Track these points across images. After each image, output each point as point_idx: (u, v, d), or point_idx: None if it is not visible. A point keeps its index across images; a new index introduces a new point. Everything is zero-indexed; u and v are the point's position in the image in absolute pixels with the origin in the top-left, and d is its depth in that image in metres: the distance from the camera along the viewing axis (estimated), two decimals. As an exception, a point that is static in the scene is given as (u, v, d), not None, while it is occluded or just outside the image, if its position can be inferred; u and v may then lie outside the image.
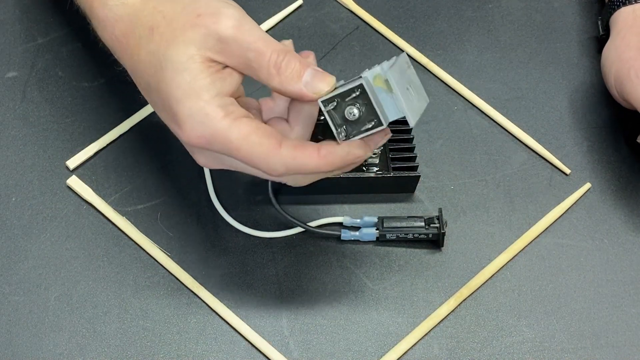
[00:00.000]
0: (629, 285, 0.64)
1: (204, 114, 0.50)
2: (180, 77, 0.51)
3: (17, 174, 0.65)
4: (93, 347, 0.58)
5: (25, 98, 0.69)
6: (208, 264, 0.62)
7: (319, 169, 0.51)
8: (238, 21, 0.51)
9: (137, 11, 0.54)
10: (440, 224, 0.63)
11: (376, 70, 0.50)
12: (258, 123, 0.51)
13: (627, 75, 0.65)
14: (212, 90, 0.50)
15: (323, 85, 0.51)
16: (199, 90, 0.50)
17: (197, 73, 0.50)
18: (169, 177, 0.66)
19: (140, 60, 0.53)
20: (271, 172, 0.51)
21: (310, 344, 0.60)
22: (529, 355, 0.60)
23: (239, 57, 0.51)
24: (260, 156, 0.50)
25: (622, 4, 0.69)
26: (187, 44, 0.51)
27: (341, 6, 0.77)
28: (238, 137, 0.50)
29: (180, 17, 0.52)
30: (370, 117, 0.50)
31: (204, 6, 0.52)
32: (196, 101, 0.50)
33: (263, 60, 0.50)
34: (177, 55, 0.51)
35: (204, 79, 0.50)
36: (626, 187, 0.68)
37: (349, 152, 0.51)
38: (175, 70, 0.51)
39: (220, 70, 0.51)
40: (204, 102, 0.50)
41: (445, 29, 0.76)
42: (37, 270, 0.61)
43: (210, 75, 0.51)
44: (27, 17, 0.73)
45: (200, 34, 0.51)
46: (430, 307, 0.61)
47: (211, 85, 0.50)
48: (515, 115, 0.71)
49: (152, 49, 0.52)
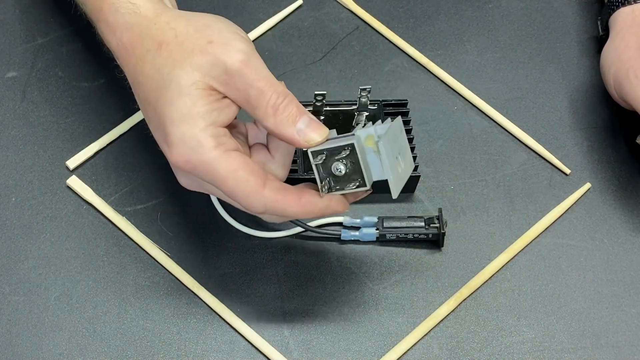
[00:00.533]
0: (629, 285, 0.64)
1: (197, 140, 0.51)
2: (181, 100, 0.51)
3: (17, 174, 0.65)
4: (93, 347, 0.58)
5: (25, 98, 0.69)
6: (208, 264, 0.62)
7: (296, 215, 0.53)
8: (247, 56, 0.51)
9: (149, 23, 0.54)
10: (440, 224, 0.63)
11: (369, 131, 0.51)
12: (246, 159, 0.52)
13: (626, 75, 0.65)
14: (208, 119, 0.51)
15: (315, 136, 0.52)
16: (196, 117, 0.51)
17: (197, 99, 0.51)
18: (169, 177, 0.65)
19: (144, 72, 0.54)
20: (250, 209, 0.52)
21: (310, 344, 0.60)
22: (529, 355, 0.60)
23: (240, 92, 0.51)
24: (244, 193, 0.51)
25: (621, 4, 0.69)
26: (194, 69, 0.51)
27: (341, 6, 0.77)
28: (225, 170, 0.51)
29: (192, 39, 0.52)
30: (355, 176, 0.52)
31: (217, 34, 0.52)
32: (191, 127, 0.51)
33: (263, 99, 0.51)
34: (182, 77, 0.51)
35: (203, 107, 0.51)
36: (626, 187, 0.68)
37: (329, 206, 0.53)
38: (176, 92, 0.51)
39: (219, 100, 0.52)
40: (198, 130, 0.51)
41: (445, 29, 0.76)
42: (37, 270, 0.61)
43: (210, 103, 0.51)
44: (27, 17, 0.73)
45: (208, 61, 0.51)
46: (430, 307, 0.61)
47: (208, 113, 0.51)
48: (515, 115, 0.71)
49: (158, 64, 0.52)
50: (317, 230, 0.63)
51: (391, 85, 0.72)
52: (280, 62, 0.73)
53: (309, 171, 0.64)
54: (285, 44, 0.74)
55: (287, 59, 0.73)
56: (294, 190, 0.53)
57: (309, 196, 0.53)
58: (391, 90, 0.72)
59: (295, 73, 0.72)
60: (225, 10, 0.75)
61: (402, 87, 0.72)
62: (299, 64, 0.73)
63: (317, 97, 0.65)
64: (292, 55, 0.73)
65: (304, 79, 0.72)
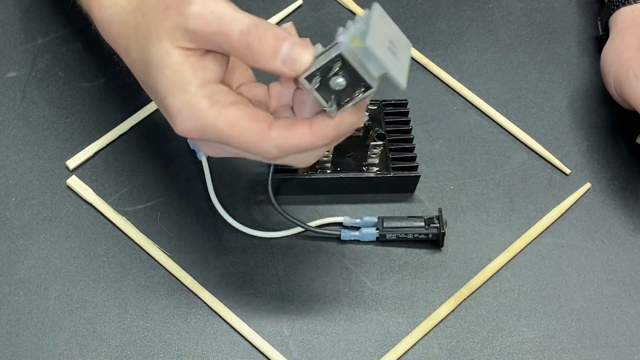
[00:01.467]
0: (629, 285, 0.64)
1: (190, 106, 0.49)
2: (162, 73, 0.50)
3: (17, 174, 0.65)
4: (93, 347, 0.58)
5: (25, 98, 0.69)
6: (208, 264, 0.62)
7: (314, 144, 0.50)
8: (201, 6, 0.49)
9: (125, 11, 0.54)
10: (440, 224, 0.63)
11: (351, 32, 0.47)
12: (246, 109, 0.50)
13: (626, 75, 0.65)
14: (196, 82, 0.49)
15: (302, 60, 0.48)
16: (183, 84, 0.49)
17: (177, 67, 0.50)
18: (169, 177, 0.66)
19: (133, 59, 0.54)
20: (266, 156, 0.50)
21: (310, 344, 0.60)
22: (529, 355, 0.60)
23: (210, 42, 0.49)
24: (251, 141, 0.49)
25: (622, 4, 0.70)
26: (160, 39, 0.50)
27: (341, 6, 0.77)
28: (226, 126, 0.49)
29: (153, 11, 0.51)
30: (357, 82, 0.47)
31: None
32: (182, 95, 0.50)
33: (232, 41, 0.49)
34: (154, 51, 0.50)
35: (185, 72, 0.50)
36: (626, 187, 0.68)
37: (342, 121, 0.49)
38: (156, 67, 0.50)
39: (201, 58, 0.50)
40: (189, 95, 0.49)
41: (445, 29, 0.76)
42: (37, 270, 0.61)
43: (191, 66, 0.50)
44: (27, 17, 0.73)
45: (168, 27, 0.50)
46: (430, 307, 0.61)
47: (193, 76, 0.50)
48: (515, 115, 0.71)
49: (139, 47, 0.52)
50: (317, 230, 0.63)
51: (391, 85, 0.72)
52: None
53: (309, 171, 0.64)
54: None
55: (287, 59, 0.73)
56: (303, 123, 0.49)
57: (319, 121, 0.49)
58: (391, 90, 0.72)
59: (295, 73, 0.72)
60: (225, 10, 0.75)
61: (402, 87, 0.72)
62: (299, 64, 0.73)
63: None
64: (292, 55, 0.73)
65: (304, 79, 0.72)
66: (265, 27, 0.49)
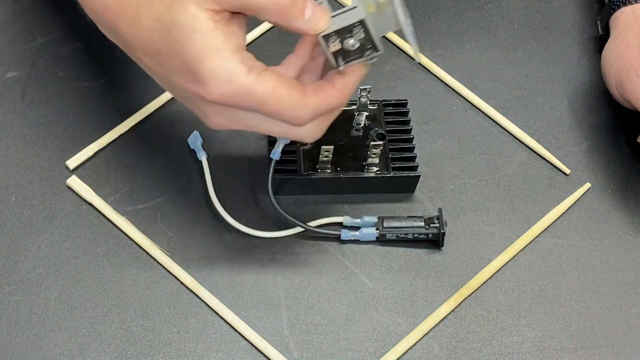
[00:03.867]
0: (629, 285, 0.64)
1: (228, 72, 0.50)
2: (193, 39, 0.50)
3: (17, 174, 0.65)
4: (93, 347, 0.58)
5: (25, 98, 0.69)
6: (208, 264, 0.62)
7: (340, 102, 0.53)
8: None
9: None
10: (440, 224, 0.63)
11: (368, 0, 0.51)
12: (280, 75, 0.51)
13: (627, 74, 0.65)
14: (230, 47, 0.50)
15: (323, 22, 0.51)
16: (217, 49, 0.50)
17: (207, 32, 0.50)
18: (169, 177, 0.66)
19: (142, 27, 0.52)
20: (297, 122, 0.52)
21: (310, 344, 0.60)
22: (529, 355, 0.60)
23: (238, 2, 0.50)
24: (288, 106, 0.51)
25: (622, 4, 0.69)
26: (186, 3, 0.50)
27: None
28: (265, 92, 0.50)
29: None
30: (368, 43, 0.52)
31: None
32: (218, 60, 0.50)
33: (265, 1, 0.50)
34: (181, 17, 0.50)
35: (217, 37, 0.50)
36: (626, 187, 0.68)
37: (356, 75, 0.53)
38: (185, 34, 0.50)
39: (229, 23, 0.51)
40: (226, 60, 0.50)
41: (445, 29, 0.76)
42: (37, 270, 0.61)
43: (222, 31, 0.50)
44: (27, 17, 0.73)
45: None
46: (430, 307, 0.61)
47: (226, 42, 0.50)
48: (515, 115, 0.71)
49: (155, 15, 0.51)
50: (317, 230, 0.63)
51: (391, 85, 0.72)
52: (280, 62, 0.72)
53: (309, 171, 0.64)
54: (285, 44, 0.74)
55: (287, 59, 0.73)
56: (326, 85, 0.53)
57: (340, 80, 0.53)
58: (391, 90, 0.72)
59: (295, 73, 0.72)
60: (225, 10, 0.75)
61: (402, 87, 0.72)
62: (299, 64, 0.73)
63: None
64: (292, 55, 0.73)
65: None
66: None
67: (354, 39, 0.52)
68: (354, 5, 0.51)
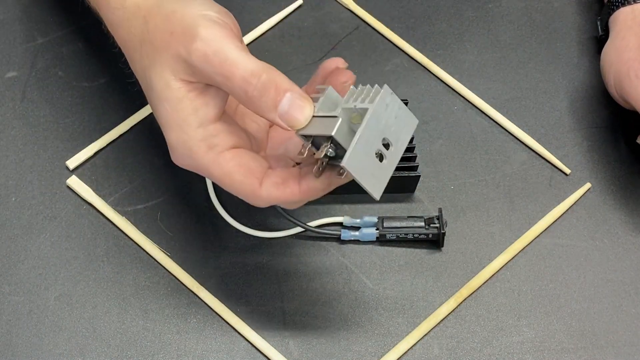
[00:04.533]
0: (629, 285, 0.64)
1: (188, 147, 0.49)
2: (162, 106, 0.50)
3: (17, 174, 0.65)
4: (93, 347, 0.58)
5: (25, 98, 0.69)
6: (208, 264, 0.62)
7: (302, 201, 0.51)
8: (205, 44, 0.48)
9: (134, 16, 0.52)
10: (440, 224, 0.63)
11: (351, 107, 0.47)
12: (242, 157, 0.50)
13: (627, 75, 0.65)
14: (194, 122, 0.49)
15: (299, 118, 0.47)
16: (181, 123, 0.49)
17: (176, 103, 0.49)
18: (169, 177, 0.66)
19: (137, 71, 0.53)
20: (255, 206, 0.51)
21: (310, 344, 0.60)
22: (529, 355, 0.60)
23: (210, 81, 0.49)
24: (242, 194, 0.50)
25: (622, 4, 0.69)
26: (163, 68, 0.49)
27: (341, 6, 0.77)
28: (220, 174, 0.50)
29: (158, 33, 0.50)
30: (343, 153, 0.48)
31: (179, 22, 0.49)
32: (179, 133, 0.49)
33: (232, 86, 0.48)
34: (156, 80, 0.50)
35: (184, 110, 0.49)
36: (626, 187, 0.68)
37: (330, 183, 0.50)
38: (157, 97, 0.50)
39: (202, 94, 0.49)
40: (186, 136, 0.49)
41: (445, 29, 0.76)
42: (37, 270, 0.61)
43: (191, 102, 0.49)
44: (27, 17, 0.73)
45: (171, 57, 0.49)
46: (430, 307, 0.61)
47: (193, 115, 0.49)
48: (515, 115, 0.71)
49: (142, 66, 0.51)
50: (317, 230, 0.63)
51: (391, 85, 0.71)
52: (281, 62, 0.73)
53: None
54: (285, 44, 0.74)
55: (287, 59, 0.73)
56: (292, 181, 0.50)
57: (308, 182, 0.49)
58: (391, 90, 0.72)
59: (295, 73, 0.72)
60: (225, 10, 0.75)
61: (402, 87, 0.72)
62: (299, 64, 0.73)
63: (317, 97, 0.65)
64: (292, 55, 0.73)
65: (305, 79, 0.72)
66: (268, 76, 0.48)
67: (330, 148, 0.48)
68: (334, 115, 0.47)
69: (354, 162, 0.47)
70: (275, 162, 0.53)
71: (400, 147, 0.49)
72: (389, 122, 0.48)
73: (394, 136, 0.49)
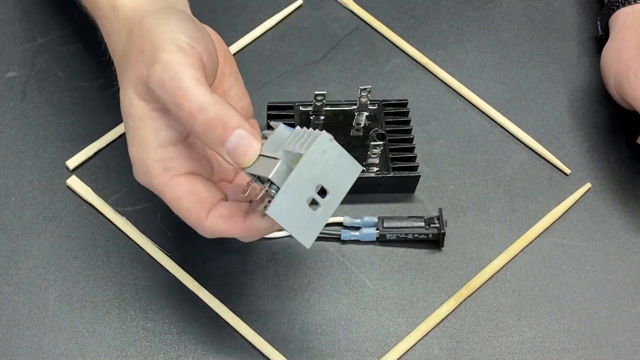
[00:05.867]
0: (629, 285, 0.64)
1: (145, 165, 0.50)
2: (126, 121, 0.50)
3: (17, 174, 0.65)
4: (93, 347, 0.58)
5: (25, 98, 0.69)
6: (208, 264, 0.62)
7: (246, 238, 0.51)
8: (164, 67, 0.47)
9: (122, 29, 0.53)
10: (440, 224, 0.63)
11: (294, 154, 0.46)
12: (193, 185, 0.50)
13: (626, 75, 0.65)
14: (154, 142, 0.49)
15: (245, 157, 0.47)
16: (141, 141, 0.49)
17: (137, 121, 0.49)
18: (169, 177, 0.66)
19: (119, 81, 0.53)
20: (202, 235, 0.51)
21: (310, 344, 0.60)
22: (529, 355, 0.60)
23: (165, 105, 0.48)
24: (188, 220, 0.51)
25: (622, 5, 0.70)
26: (129, 84, 0.49)
27: (341, 6, 0.77)
28: (170, 197, 0.50)
29: (134, 48, 0.50)
30: None
31: (149, 42, 0.49)
32: (138, 151, 0.50)
33: (181, 116, 0.47)
34: (122, 96, 0.50)
35: (144, 128, 0.49)
36: (626, 187, 0.68)
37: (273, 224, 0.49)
38: (123, 111, 0.50)
39: (165, 115, 0.49)
40: (145, 155, 0.50)
41: (445, 29, 0.76)
42: (37, 270, 0.61)
43: (153, 122, 0.49)
44: (27, 17, 0.73)
45: (134, 75, 0.49)
46: (430, 307, 0.61)
47: (153, 135, 0.49)
48: (515, 115, 0.71)
49: (120, 77, 0.52)
50: (317, 230, 0.63)
51: (391, 85, 0.72)
52: (280, 62, 0.73)
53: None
54: (285, 44, 0.74)
55: (287, 59, 0.73)
56: (238, 216, 0.50)
57: (252, 220, 0.49)
58: (391, 90, 0.72)
59: (295, 73, 0.72)
60: (225, 11, 0.75)
61: (402, 87, 0.72)
62: (299, 64, 0.73)
63: (317, 97, 0.65)
64: (292, 55, 0.73)
65: (304, 79, 0.72)
66: (216, 113, 0.47)
67: (268, 187, 0.47)
68: (275, 157, 0.47)
69: (280, 210, 0.46)
70: (235, 195, 0.53)
71: (339, 194, 0.48)
72: (326, 169, 0.47)
73: (332, 183, 0.47)
